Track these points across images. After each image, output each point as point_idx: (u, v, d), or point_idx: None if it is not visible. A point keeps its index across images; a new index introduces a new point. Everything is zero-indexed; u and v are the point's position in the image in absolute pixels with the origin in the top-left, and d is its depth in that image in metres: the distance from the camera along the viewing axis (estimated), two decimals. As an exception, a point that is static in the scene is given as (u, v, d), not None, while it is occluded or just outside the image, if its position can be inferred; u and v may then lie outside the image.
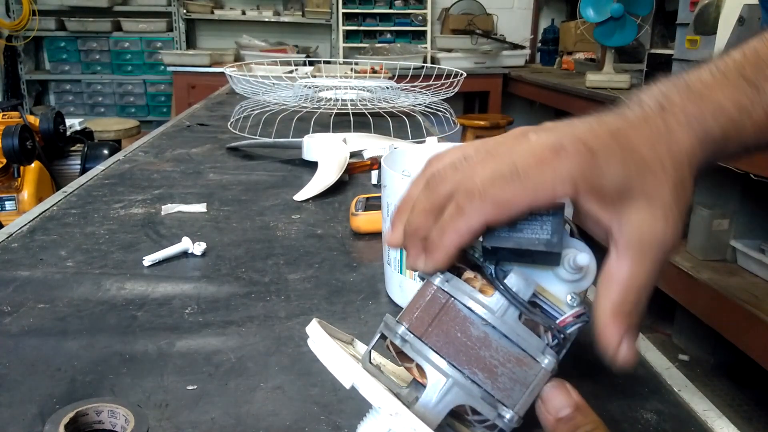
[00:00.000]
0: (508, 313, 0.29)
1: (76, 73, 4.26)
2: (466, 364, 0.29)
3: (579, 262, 0.30)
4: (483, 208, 0.30)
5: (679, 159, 0.32)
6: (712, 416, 0.44)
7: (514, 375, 0.29)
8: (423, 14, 4.09)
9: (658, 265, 0.31)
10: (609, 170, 0.30)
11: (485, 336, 0.29)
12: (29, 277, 0.63)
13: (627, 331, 0.31)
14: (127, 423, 0.37)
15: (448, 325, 0.30)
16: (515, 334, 0.29)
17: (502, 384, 0.29)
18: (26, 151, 2.09)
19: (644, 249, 0.31)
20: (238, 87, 1.45)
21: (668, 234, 0.31)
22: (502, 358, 0.29)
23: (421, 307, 0.30)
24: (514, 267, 0.31)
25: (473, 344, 0.29)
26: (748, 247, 1.88)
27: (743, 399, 1.88)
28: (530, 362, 0.29)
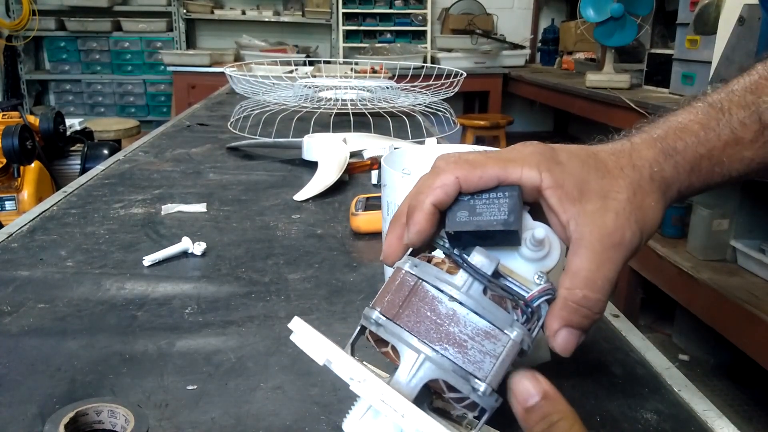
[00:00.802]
0: (473, 289, 0.30)
1: (76, 73, 4.26)
2: (437, 340, 0.30)
3: (537, 236, 0.31)
4: (457, 166, 0.33)
5: (639, 164, 0.35)
6: (712, 416, 0.44)
7: (484, 348, 0.29)
8: (423, 14, 4.09)
9: (610, 260, 0.32)
10: (570, 168, 0.33)
11: (453, 313, 0.30)
12: (29, 277, 0.63)
13: (569, 324, 0.31)
14: (127, 423, 0.37)
15: (417, 306, 0.31)
16: (481, 308, 0.30)
17: (473, 357, 0.29)
18: (26, 151, 2.09)
19: (594, 244, 0.32)
20: (238, 87, 1.45)
21: (618, 231, 0.32)
22: (471, 333, 0.29)
23: (392, 291, 0.32)
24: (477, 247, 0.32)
25: (442, 321, 0.30)
26: (748, 247, 1.88)
27: (743, 399, 1.88)
28: (498, 334, 0.29)
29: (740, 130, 0.36)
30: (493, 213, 0.32)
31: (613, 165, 0.34)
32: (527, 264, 0.33)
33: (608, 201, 0.33)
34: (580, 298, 0.31)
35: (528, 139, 0.37)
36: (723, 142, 0.36)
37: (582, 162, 0.34)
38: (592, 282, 0.31)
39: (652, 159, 0.35)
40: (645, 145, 0.36)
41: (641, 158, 0.35)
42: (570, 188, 0.33)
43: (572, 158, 0.34)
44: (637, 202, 0.33)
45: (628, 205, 0.33)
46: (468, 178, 0.33)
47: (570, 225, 0.32)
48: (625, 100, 2.38)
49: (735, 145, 0.36)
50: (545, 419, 0.29)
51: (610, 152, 0.35)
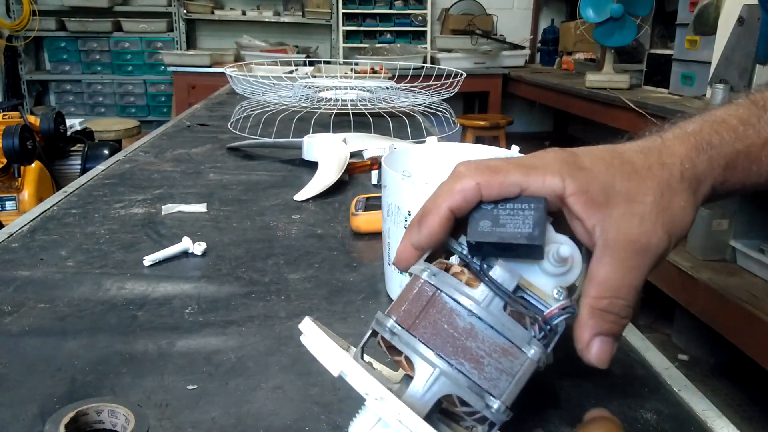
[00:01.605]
0: (493, 304, 0.30)
1: (77, 73, 4.26)
2: (453, 354, 0.29)
3: (562, 253, 0.31)
4: (478, 171, 0.32)
5: (669, 162, 0.33)
6: (711, 416, 0.44)
7: (500, 365, 0.29)
8: (423, 14, 4.09)
9: (636, 267, 0.31)
10: (594, 173, 0.32)
11: (471, 327, 0.29)
12: (29, 277, 0.63)
13: (600, 332, 0.31)
14: (128, 423, 0.37)
15: (435, 317, 0.30)
16: (500, 325, 0.29)
17: (489, 374, 0.29)
18: (27, 151, 2.09)
19: (620, 250, 0.31)
20: (239, 87, 1.45)
21: (644, 237, 0.31)
22: (488, 349, 0.29)
23: (409, 300, 0.31)
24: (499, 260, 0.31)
25: (460, 335, 0.29)
26: (747, 247, 1.88)
27: (743, 399, 1.88)
28: (516, 352, 0.29)
29: None
30: (517, 225, 0.31)
31: (641, 164, 0.33)
32: (547, 278, 0.32)
33: (634, 205, 0.32)
34: (606, 305, 0.31)
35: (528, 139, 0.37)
36: (763, 139, 0.35)
37: (607, 165, 0.33)
38: (618, 290, 0.31)
39: (683, 155, 0.33)
40: (677, 141, 0.34)
41: (672, 155, 0.33)
42: (595, 193, 0.32)
43: (596, 162, 0.33)
44: (665, 204, 0.32)
45: (655, 208, 0.32)
46: (489, 184, 0.32)
47: (596, 231, 0.32)
48: (625, 100, 2.38)
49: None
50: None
51: (638, 150, 0.34)
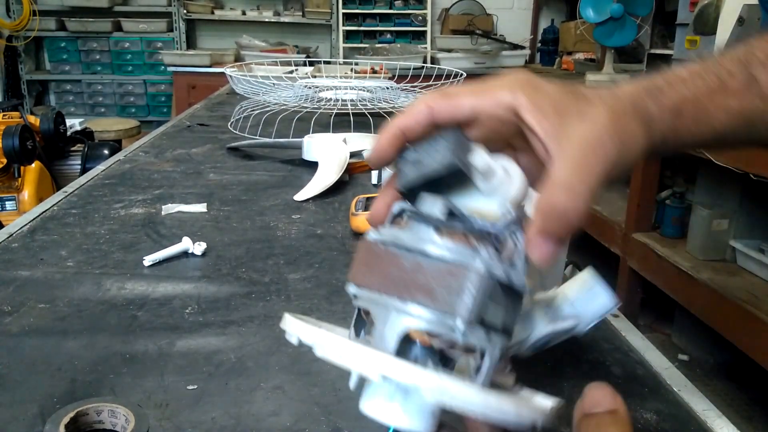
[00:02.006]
0: (426, 234, 0.30)
1: (77, 73, 4.26)
2: (406, 292, 0.30)
3: (476, 164, 0.31)
4: (431, 98, 0.33)
5: (621, 96, 0.34)
6: (711, 416, 0.45)
7: (451, 286, 0.29)
8: (423, 14, 4.09)
9: (587, 166, 0.31)
10: (547, 91, 0.33)
11: (417, 263, 0.30)
12: (30, 277, 0.63)
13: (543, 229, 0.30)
14: (128, 423, 0.37)
15: (382, 267, 0.31)
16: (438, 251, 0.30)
17: (441, 298, 0.29)
18: (27, 151, 2.09)
19: (570, 149, 0.31)
20: (239, 87, 1.45)
21: (598, 141, 0.31)
22: (436, 275, 0.29)
23: (359, 260, 0.32)
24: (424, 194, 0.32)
25: (408, 274, 0.30)
26: (747, 247, 1.88)
27: (743, 399, 1.88)
28: (460, 269, 0.29)
29: (727, 78, 0.36)
30: (434, 158, 0.32)
31: (593, 95, 0.34)
32: (491, 199, 0.32)
33: (586, 119, 0.32)
34: (553, 203, 0.30)
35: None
36: (709, 88, 0.36)
37: (559, 90, 0.34)
38: (568, 187, 0.30)
39: (634, 94, 0.34)
40: (628, 85, 0.35)
41: (623, 92, 0.34)
42: (547, 108, 0.32)
43: (549, 86, 0.34)
44: (617, 122, 0.32)
45: (609, 122, 0.32)
46: (441, 107, 0.33)
47: (550, 142, 0.32)
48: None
49: (721, 92, 0.36)
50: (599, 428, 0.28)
51: (590, 89, 0.35)
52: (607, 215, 2.34)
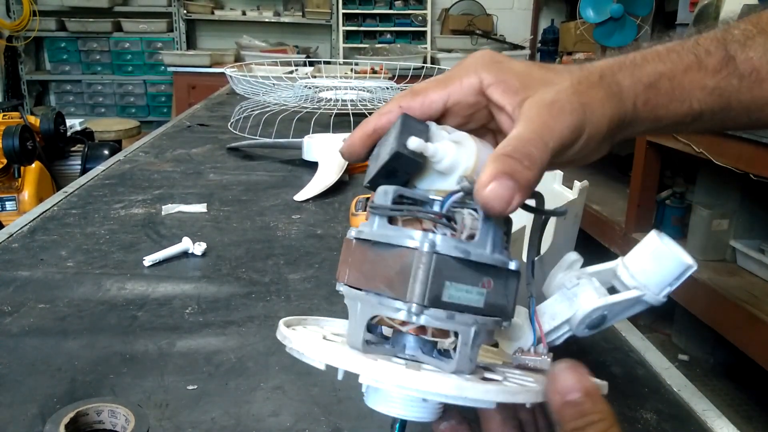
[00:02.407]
0: (378, 225, 0.31)
1: (77, 73, 4.26)
2: (372, 284, 0.30)
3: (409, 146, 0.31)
4: (402, 96, 0.34)
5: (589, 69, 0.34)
6: (711, 416, 0.45)
7: (402, 269, 0.29)
8: (423, 15, 4.09)
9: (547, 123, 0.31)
10: (511, 65, 0.34)
11: (376, 253, 0.30)
12: (30, 277, 0.63)
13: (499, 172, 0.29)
14: (128, 423, 0.37)
15: (355, 261, 0.32)
16: (385, 237, 0.30)
17: (396, 283, 0.29)
18: (27, 152, 2.09)
19: (531, 109, 0.31)
20: (239, 87, 1.45)
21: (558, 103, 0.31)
22: (392, 263, 0.30)
23: (341, 259, 0.33)
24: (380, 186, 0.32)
25: (373, 266, 0.30)
26: (747, 247, 1.88)
27: (743, 399, 1.88)
28: (409, 252, 0.29)
29: (704, 56, 0.36)
30: (385, 149, 0.32)
31: (560, 68, 0.34)
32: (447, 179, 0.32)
33: (551, 86, 0.32)
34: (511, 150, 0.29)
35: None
36: (685, 65, 0.35)
37: (525, 64, 0.34)
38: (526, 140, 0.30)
39: (605, 66, 0.34)
40: (601, 60, 0.35)
41: (592, 66, 0.35)
42: (512, 82, 0.33)
43: (514, 61, 0.34)
44: (582, 89, 0.32)
45: (571, 88, 0.32)
46: (411, 106, 0.34)
47: (515, 113, 0.32)
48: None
49: (698, 70, 0.35)
50: (584, 417, 0.27)
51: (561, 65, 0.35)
52: (607, 215, 2.34)
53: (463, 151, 0.32)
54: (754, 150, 1.60)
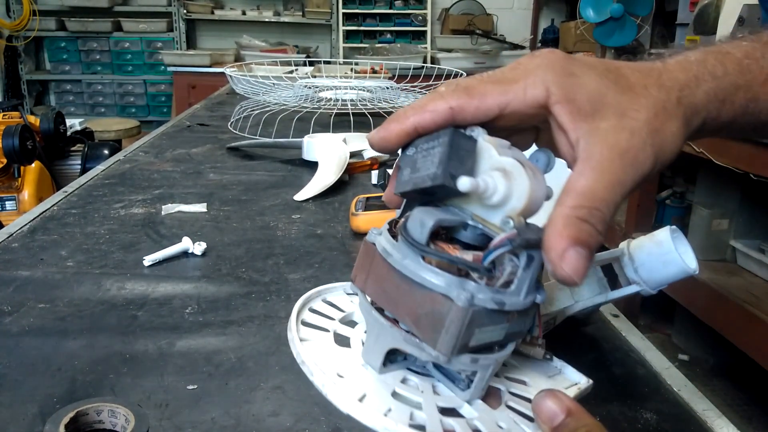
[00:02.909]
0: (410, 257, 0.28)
1: (77, 73, 4.26)
2: (395, 311, 0.29)
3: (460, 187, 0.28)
4: (455, 94, 0.30)
5: (668, 86, 0.31)
6: (711, 416, 0.45)
7: (433, 315, 0.28)
8: (423, 14, 4.09)
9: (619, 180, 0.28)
10: (584, 81, 0.30)
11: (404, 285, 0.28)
12: (29, 277, 0.63)
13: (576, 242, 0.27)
14: (128, 423, 0.37)
15: (377, 274, 0.30)
16: (418, 276, 0.28)
17: (424, 325, 0.28)
18: (27, 151, 2.09)
19: (604, 161, 0.28)
20: (239, 87, 1.45)
21: (631, 151, 0.29)
22: (421, 301, 0.28)
23: (360, 261, 0.31)
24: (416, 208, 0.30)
25: (397, 290, 0.29)
26: (747, 247, 1.88)
27: (743, 399, 1.88)
28: (442, 300, 0.27)
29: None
30: (427, 167, 0.29)
31: (637, 82, 0.30)
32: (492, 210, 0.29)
33: (625, 119, 0.29)
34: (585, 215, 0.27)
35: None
36: (765, 75, 0.33)
37: (599, 75, 0.30)
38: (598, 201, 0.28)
39: (683, 82, 0.31)
40: (678, 67, 0.32)
41: (671, 79, 0.31)
42: (582, 102, 0.29)
43: (587, 70, 0.30)
44: (658, 125, 0.29)
45: (647, 127, 0.29)
46: (464, 109, 0.30)
47: (579, 144, 0.29)
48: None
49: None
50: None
51: (636, 69, 0.31)
52: (607, 215, 2.33)
53: (515, 188, 0.28)
54: (754, 150, 1.60)
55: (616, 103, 0.29)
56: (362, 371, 0.31)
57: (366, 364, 0.31)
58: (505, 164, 0.29)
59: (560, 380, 0.35)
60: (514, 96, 0.30)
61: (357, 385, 0.30)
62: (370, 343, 0.31)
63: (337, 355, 0.32)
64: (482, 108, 0.30)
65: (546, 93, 0.29)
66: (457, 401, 0.30)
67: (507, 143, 0.30)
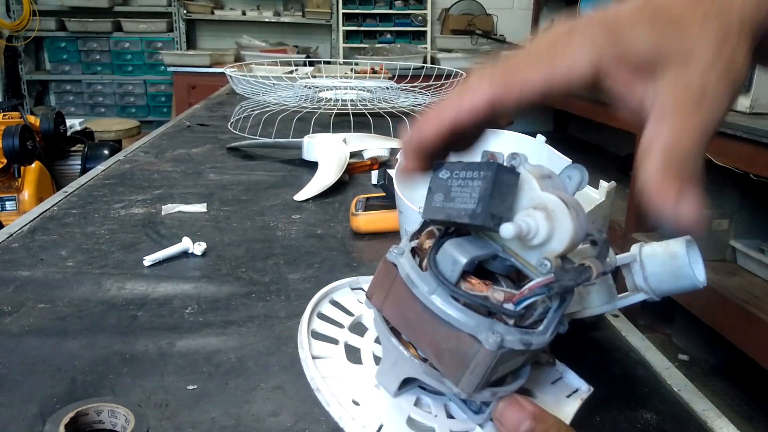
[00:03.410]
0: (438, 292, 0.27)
1: (77, 73, 4.26)
2: (414, 338, 0.28)
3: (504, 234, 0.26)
4: (494, 79, 0.28)
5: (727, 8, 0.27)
6: (711, 416, 0.45)
7: (458, 353, 0.27)
8: (423, 14, 4.09)
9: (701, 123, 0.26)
10: (634, 37, 0.27)
11: (425, 312, 0.27)
12: (30, 277, 0.63)
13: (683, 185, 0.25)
14: (128, 423, 0.37)
15: (397, 298, 0.29)
16: (444, 314, 0.27)
17: (447, 360, 0.27)
18: (27, 152, 2.09)
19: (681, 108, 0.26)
20: (239, 87, 1.45)
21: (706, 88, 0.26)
22: (445, 335, 0.27)
23: (378, 279, 0.30)
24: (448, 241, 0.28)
25: (419, 319, 0.28)
26: (747, 247, 1.88)
27: (743, 399, 1.88)
28: (469, 341, 0.26)
29: None
30: (464, 199, 0.27)
31: (692, 17, 0.27)
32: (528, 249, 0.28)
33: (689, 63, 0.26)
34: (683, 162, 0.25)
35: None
36: None
37: (650, 23, 0.27)
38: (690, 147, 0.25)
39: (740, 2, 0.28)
40: None
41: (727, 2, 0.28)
42: (640, 61, 0.26)
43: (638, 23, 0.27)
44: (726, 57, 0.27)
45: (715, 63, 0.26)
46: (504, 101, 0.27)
47: (645, 102, 0.27)
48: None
49: None
50: None
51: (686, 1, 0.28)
52: (607, 215, 2.34)
53: (556, 230, 0.27)
54: (754, 150, 1.60)
55: (675, 51, 0.27)
56: (377, 395, 0.30)
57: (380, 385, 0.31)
58: (548, 203, 0.27)
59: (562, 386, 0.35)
60: (558, 73, 0.27)
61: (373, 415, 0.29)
62: (385, 367, 0.30)
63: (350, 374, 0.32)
64: (525, 96, 0.27)
65: (594, 66, 0.27)
66: (470, 424, 0.30)
67: (548, 171, 0.29)
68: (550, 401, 0.33)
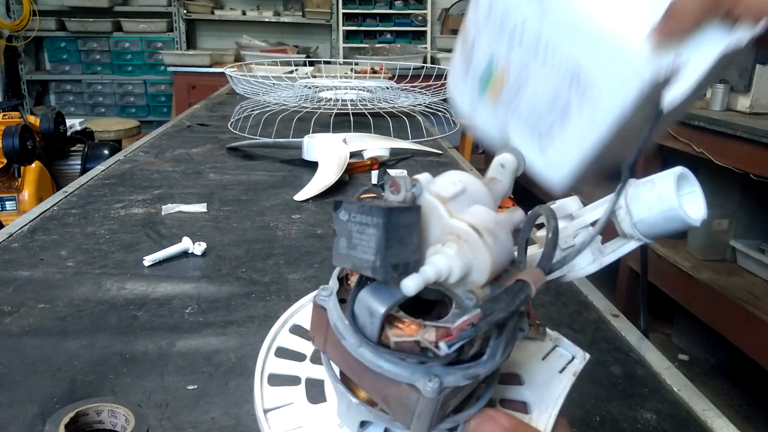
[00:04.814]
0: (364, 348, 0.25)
1: (77, 73, 4.26)
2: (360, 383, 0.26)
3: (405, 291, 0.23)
4: None
5: None
6: (711, 416, 0.45)
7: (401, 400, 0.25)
8: (423, 14, 4.09)
9: None
10: None
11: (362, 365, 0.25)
12: (30, 277, 0.63)
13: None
14: (128, 423, 0.37)
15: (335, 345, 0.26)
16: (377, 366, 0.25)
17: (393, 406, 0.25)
18: (27, 152, 2.09)
19: None
20: (239, 87, 1.45)
21: None
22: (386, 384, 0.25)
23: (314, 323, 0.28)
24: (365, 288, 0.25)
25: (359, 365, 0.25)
26: (747, 247, 1.88)
27: (743, 399, 1.88)
28: (408, 389, 0.24)
29: None
30: (364, 249, 0.24)
31: None
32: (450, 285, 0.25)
33: None
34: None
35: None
36: None
37: None
38: None
39: None
40: None
41: None
42: None
43: None
44: None
45: None
46: None
47: None
48: None
49: None
50: None
51: None
52: (607, 215, 2.34)
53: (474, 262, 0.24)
54: (754, 150, 1.60)
55: None
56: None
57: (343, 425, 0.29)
58: (459, 232, 0.24)
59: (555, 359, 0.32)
60: None
61: None
62: (341, 410, 0.28)
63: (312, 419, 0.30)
64: None
65: None
66: None
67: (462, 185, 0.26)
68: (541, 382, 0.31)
